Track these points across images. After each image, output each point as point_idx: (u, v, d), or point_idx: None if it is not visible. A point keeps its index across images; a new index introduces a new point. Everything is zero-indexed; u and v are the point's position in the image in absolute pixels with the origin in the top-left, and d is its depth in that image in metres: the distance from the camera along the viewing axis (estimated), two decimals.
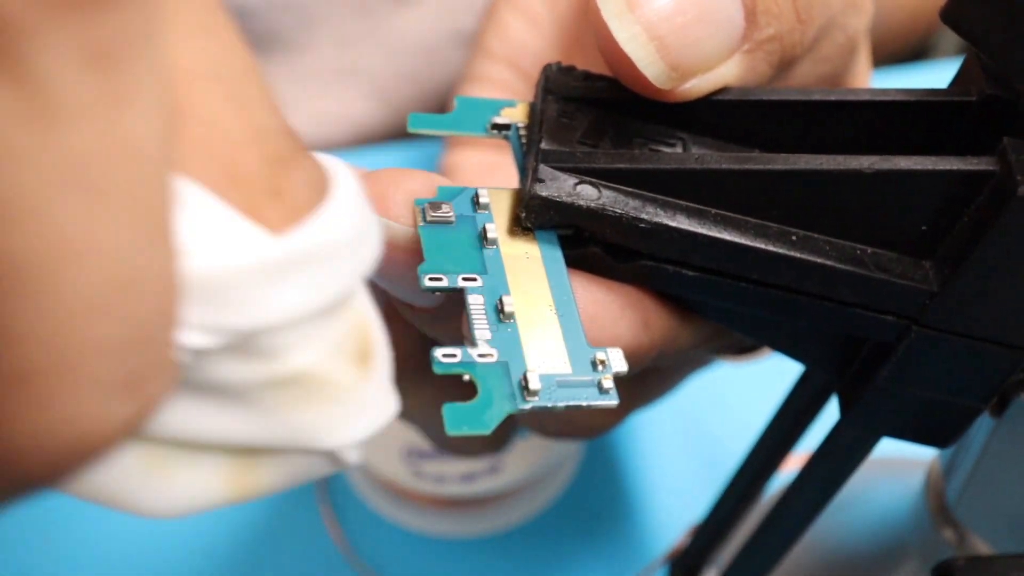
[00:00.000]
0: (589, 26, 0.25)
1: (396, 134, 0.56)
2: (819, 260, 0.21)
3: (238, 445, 0.17)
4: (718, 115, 0.23)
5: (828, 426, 0.26)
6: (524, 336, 0.20)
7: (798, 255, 0.21)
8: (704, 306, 0.23)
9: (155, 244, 0.14)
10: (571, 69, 0.24)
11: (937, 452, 0.28)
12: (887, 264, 0.22)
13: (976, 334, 0.22)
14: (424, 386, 0.26)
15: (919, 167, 0.21)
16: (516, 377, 0.19)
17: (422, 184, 0.22)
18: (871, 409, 0.24)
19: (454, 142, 0.37)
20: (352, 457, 0.18)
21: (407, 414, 0.28)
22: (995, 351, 0.22)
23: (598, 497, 0.45)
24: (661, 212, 0.21)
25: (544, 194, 0.21)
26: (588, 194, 0.21)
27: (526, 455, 0.42)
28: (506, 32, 0.36)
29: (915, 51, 0.66)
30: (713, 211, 0.21)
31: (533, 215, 0.21)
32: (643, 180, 0.21)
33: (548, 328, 0.20)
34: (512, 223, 0.21)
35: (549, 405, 0.19)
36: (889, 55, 0.54)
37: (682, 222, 0.21)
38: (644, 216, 0.21)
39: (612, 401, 0.19)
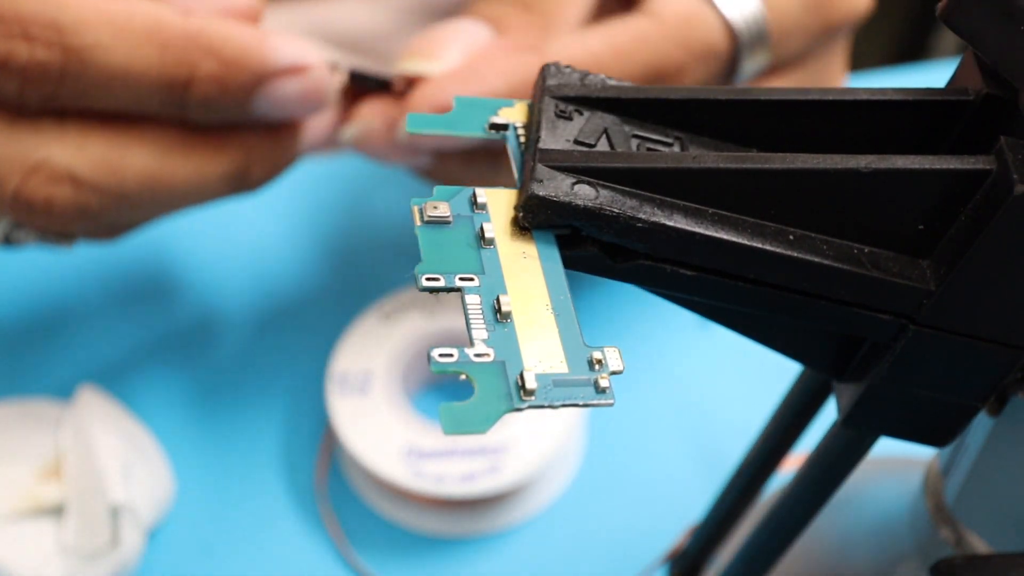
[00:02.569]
0: None
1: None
2: (816, 259, 0.21)
3: None
4: (715, 114, 0.23)
5: (826, 426, 0.26)
6: (521, 335, 0.20)
7: (795, 254, 0.21)
8: (702, 305, 0.23)
9: None
10: (569, 69, 0.24)
11: (935, 451, 0.29)
12: (884, 263, 0.22)
13: (973, 333, 0.22)
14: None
15: (916, 166, 0.21)
16: (513, 377, 0.19)
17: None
18: (869, 408, 0.24)
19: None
20: None
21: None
22: (992, 350, 0.22)
23: (598, 497, 0.45)
24: (658, 211, 0.21)
25: (541, 193, 0.21)
26: (586, 193, 0.21)
27: (526, 455, 0.42)
28: None
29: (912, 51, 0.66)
30: (711, 210, 0.21)
31: (530, 215, 0.21)
32: (640, 179, 0.21)
33: (545, 328, 0.20)
34: (510, 223, 0.21)
35: (546, 404, 0.19)
36: None
37: (679, 221, 0.21)
38: (641, 215, 0.21)
39: (609, 400, 0.20)
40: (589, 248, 0.21)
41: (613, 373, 0.20)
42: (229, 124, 0.36)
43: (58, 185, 0.34)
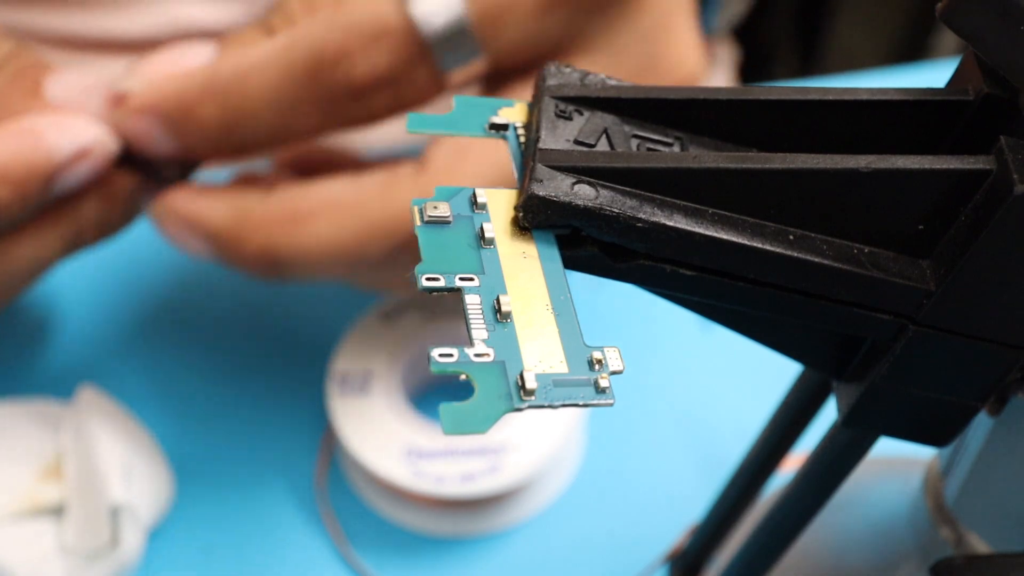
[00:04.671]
0: None
1: None
2: (816, 259, 0.21)
3: None
4: (715, 114, 0.23)
5: (826, 426, 0.26)
6: (521, 335, 0.20)
7: (795, 254, 0.21)
8: (702, 305, 0.23)
9: None
10: (569, 69, 0.24)
11: (935, 451, 0.29)
12: (884, 263, 0.22)
13: (973, 333, 0.22)
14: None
15: (916, 166, 0.21)
16: (513, 376, 0.19)
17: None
18: (869, 408, 0.24)
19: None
20: None
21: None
22: (992, 350, 0.22)
23: (598, 497, 0.45)
24: (658, 211, 0.21)
25: (541, 193, 0.21)
26: (586, 193, 0.21)
27: (526, 455, 0.42)
28: None
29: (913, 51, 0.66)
30: (710, 210, 0.21)
31: (530, 215, 0.21)
32: (640, 179, 0.21)
33: (545, 327, 0.20)
34: (510, 223, 0.21)
35: (546, 404, 0.19)
36: None
37: (679, 221, 0.21)
38: (641, 215, 0.21)
39: (609, 400, 0.20)
40: (589, 248, 0.21)
41: (613, 373, 0.20)
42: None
43: None
